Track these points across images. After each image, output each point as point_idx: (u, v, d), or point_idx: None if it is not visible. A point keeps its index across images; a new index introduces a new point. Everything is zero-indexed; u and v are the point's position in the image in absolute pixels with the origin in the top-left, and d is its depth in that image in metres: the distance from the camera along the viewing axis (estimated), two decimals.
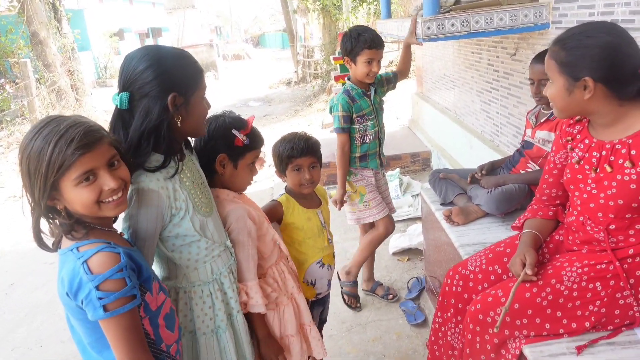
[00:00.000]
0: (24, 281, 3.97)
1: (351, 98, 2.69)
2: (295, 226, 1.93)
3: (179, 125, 1.35)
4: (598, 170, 1.51)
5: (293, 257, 1.91)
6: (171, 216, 1.36)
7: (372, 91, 2.74)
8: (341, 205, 2.82)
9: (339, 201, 2.80)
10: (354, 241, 3.85)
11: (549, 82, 1.52)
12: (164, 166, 1.33)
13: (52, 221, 1.17)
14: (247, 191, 1.76)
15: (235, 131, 1.60)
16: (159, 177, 1.33)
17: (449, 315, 1.86)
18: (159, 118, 1.30)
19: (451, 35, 2.73)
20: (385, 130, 2.93)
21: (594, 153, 1.53)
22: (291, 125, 9.23)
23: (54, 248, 1.21)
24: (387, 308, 2.97)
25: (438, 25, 2.71)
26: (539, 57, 2.20)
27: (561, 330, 1.52)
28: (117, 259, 1.12)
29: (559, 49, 1.45)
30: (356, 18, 11.39)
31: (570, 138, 1.64)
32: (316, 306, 2.08)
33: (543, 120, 2.28)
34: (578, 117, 1.62)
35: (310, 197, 2.02)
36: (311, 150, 1.92)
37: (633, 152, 1.43)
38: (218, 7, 45.04)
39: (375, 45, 2.59)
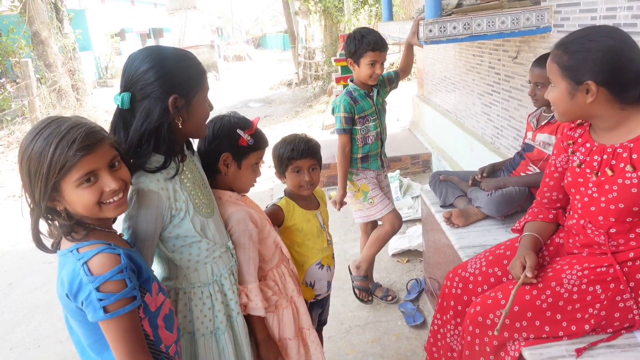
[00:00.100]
0: (23, 281, 3.97)
1: (353, 99, 2.69)
2: (295, 228, 1.93)
3: (180, 126, 1.35)
4: (599, 174, 1.51)
5: (292, 259, 1.91)
6: (171, 217, 1.36)
7: (375, 92, 2.74)
8: (340, 206, 2.82)
9: (339, 202, 2.80)
10: (354, 242, 3.85)
11: (551, 86, 1.52)
12: (165, 167, 1.33)
13: (52, 222, 1.17)
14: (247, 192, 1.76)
15: (240, 131, 1.60)
16: (159, 178, 1.33)
17: (448, 317, 1.86)
18: (160, 119, 1.30)
19: (453, 38, 2.74)
20: (387, 131, 2.93)
21: (595, 157, 1.53)
22: (291, 126, 9.24)
23: (53, 249, 1.20)
24: (386, 309, 2.97)
25: (440, 28, 2.71)
26: (539, 61, 2.21)
27: (561, 332, 1.52)
28: (118, 260, 1.12)
29: (561, 53, 1.45)
30: (357, 20, 11.40)
31: (571, 142, 1.64)
32: (315, 308, 2.07)
33: (544, 123, 2.28)
34: (579, 121, 1.63)
35: (309, 199, 2.02)
36: (311, 152, 1.92)
37: (634, 156, 1.43)
38: (219, 8, 45.12)
39: (378, 47, 2.59)
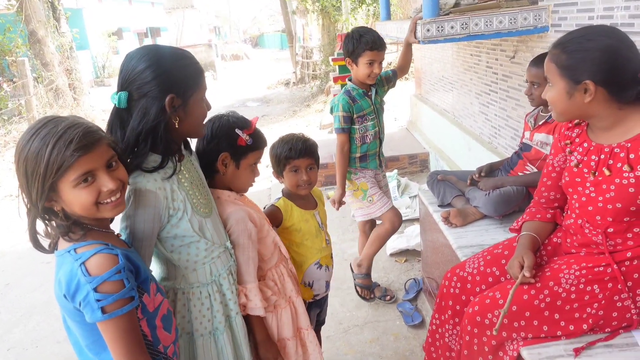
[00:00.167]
0: (21, 281, 3.95)
1: (352, 98, 2.70)
2: (293, 228, 1.93)
3: (177, 126, 1.34)
4: (597, 173, 1.51)
5: (291, 259, 1.90)
6: (169, 217, 1.36)
7: (373, 91, 2.75)
8: (339, 205, 2.82)
9: (338, 201, 2.80)
10: (352, 242, 3.85)
11: (549, 85, 1.52)
12: (162, 167, 1.33)
13: (49, 222, 1.16)
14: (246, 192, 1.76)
15: (238, 130, 1.60)
16: (157, 178, 1.32)
17: (447, 317, 1.86)
18: (156, 119, 1.29)
19: (450, 37, 2.74)
20: (385, 130, 2.94)
21: (593, 156, 1.53)
22: (289, 125, 9.23)
23: (51, 249, 1.20)
24: (385, 309, 2.97)
25: (437, 27, 2.71)
26: (536, 60, 2.21)
27: (559, 332, 1.52)
28: (115, 261, 1.11)
29: (560, 52, 1.45)
30: (355, 19, 11.39)
31: (569, 141, 1.64)
32: (313, 308, 2.07)
33: (541, 122, 2.28)
34: (577, 121, 1.63)
35: (307, 199, 2.01)
36: (309, 151, 1.92)
37: (632, 156, 1.43)
38: (217, 7, 45.01)
39: (377, 46, 2.59)
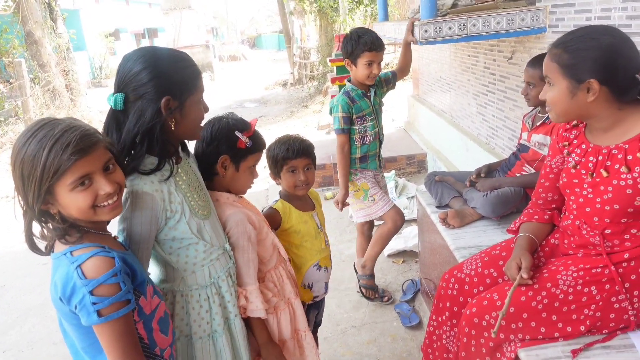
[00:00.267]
0: (17, 283, 3.94)
1: (351, 99, 2.70)
2: (292, 230, 1.92)
3: (173, 128, 1.34)
4: (594, 175, 1.51)
5: (291, 261, 1.90)
6: (166, 219, 1.35)
7: (372, 92, 2.75)
8: (343, 206, 2.80)
9: (341, 202, 2.78)
10: (349, 243, 3.85)
11: (548, 86, 1.51)
12: (159, 169, 1.32)
13: (45, 225, 1.15)
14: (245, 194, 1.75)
15: (238, 133, 1.59)
16: (154, 180, 1.32)
17: (444, 318, 1.86)
18: (152, 121, 1.28)
19: (448, 38, 2.74)
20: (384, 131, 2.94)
21: (591, 158, 1.53)
22: (287, 126, 9.23)
23: (47, 252, 1.19)
24: (382, 310, 2.97)
25: (435, 28, 2.71)
26: (533, 61, 2.22)
27: (556, 333, 1.52)
28: (112, 264, 1.11)
29: (562, 52, 1.44)
30: (353, 20, 11.40)
31: (567, 143, 1.64)
32: (312, 309, 2.07)
33: (539, 123, 2.28)
34: (575, 122, 1.63)
35: (304, 200, 2.01)
36: (306, 151, 1.92)
37: (629, 157, 1.43)
38: (214, 8, 45.02)
39: (375, 47, 2.60)
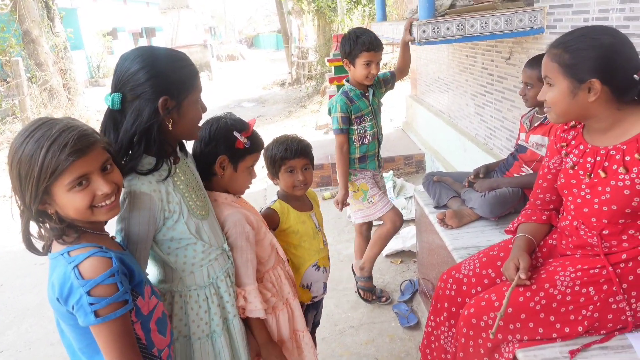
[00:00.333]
0: (14, 283, 3.93)
1: (349, 99, 2.70)
2: (290, 230, 1.92)
3: (170, 128, 1.33)
4: (592, 175, 1.51)
5: (289, 262, 1.90)
6: (164, 219, 1.35)
7: (371, 92, 2.75)
8: (343, 206, 2.79)
9: (341, 202, 2.77)
10: (347, 243, 3.85)
11: (548, 86, 1.50)
12: (157, 169, 1.32)
13: (43, 225, 1.15)
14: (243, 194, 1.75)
15: (236, 133, 1.59)
16: (152, 180, 1.31)
17: (442, 318, 1.86)
18: (149, 121, 1.28)
19: (446, 39, 2.74)
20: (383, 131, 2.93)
21: (589, 159, 1.53)
22: (285, 126, 9.22)
23: (44, 251, 1.19)
24: (380, 310, 2.97)
25: (433, 28, 2.71)
26: (531, 61, 2.22)
27: (554, 334, 1.53)
28: (109, 264, 1.10)
29: (562, 52, 1.44)
30: (351, 20, 11.40)
31: (565, 144, 1.64)
32: (310, 310, 2.07)
33: (537, 124, 2.28)
34: (572, 123, 1.63)
35: (302, 201, 2.01)
36: (304, 151, 1.91)
37: (627, 158, 1.43)
38: (212, 8, 44.97)
39: (373, 47, 2.60)
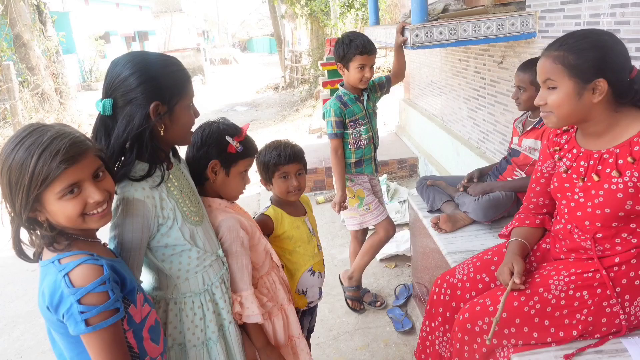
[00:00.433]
0: (4, 290, 3.87)
1: (343, 103, 2.70)
2: (285, 236, 1.91)
3: (162, 134, 1.32)
4: (585, 179, 1.52)
5: (285, 268, 1.89)
6: (158, 226, 1.33)
7: (365, 96, 2.74)
8: (340, 208, 2.77)
9: (338, 204, 2.74)
10: (342, 247, 3.84)
11: (548, 90, 1.48)
12: (149, 175, 1.31)
13: (33, 232, 1.13)
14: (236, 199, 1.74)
15: (228, 138, 1.58)
16: (145, 186, 1.30)
17: (437, 323, 1.86)
18: (141, 126, 1.27)
19: (439, 43, 2.75)
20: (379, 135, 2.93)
21: (582, 162, 1.54)
22: (278, 130, 9.22)
23: (35, 259, 1.17)
24: (375, 315, 2.96)
25: (426, 33, 2.72)
26: (523, 65, 2.24)
27: (549, 338, 1.52)
28: (100, 272, 1.09)
29: (565, 53, 1.43)
30: (344, 24, 11.42)
31: (557, 148, 1.65)
32: (306, 315, 2.06)
33: (530, 128, 2.29)
34: (565, 127, 1.63)
35: (296, 206, 2.00)
36: (297, 156, 1.91)
37: (620, 162, 1.44)
38: (205, 11, 44.96)
39: (367, 51, 2.60)
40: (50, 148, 1.05)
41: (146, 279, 1.47)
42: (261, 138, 7.40)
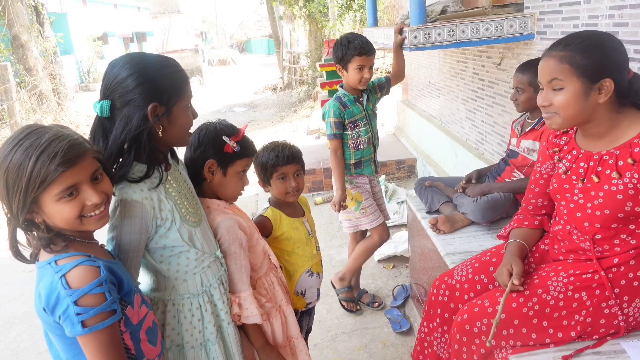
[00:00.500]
0: (1, 291, 3.86)
1: (343, 104, 2.70)
2: (284, 237, 1.91)
3: (161, 135, 1.32)
4: (585, 180, 1.52)
5: (283, 269, 1.88)
6: (156, 227, 1.33)
7: (365, 97, 2.74)
8: (339, 208, 2.75)
9: (338, 203, 2.73)
10: (340, 248, 3.84)
11: (552, 91, 1.47)
12: (148, 176, 1.30)
13: (30, 233, 1.13)
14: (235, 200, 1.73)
15: (225, 137, 1.58)
16: (143, 188, 1.30)
17: (435, 325, 1.85)
18: (139, 128, 1.27)
19: (438, 44, 2.75)
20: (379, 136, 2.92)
21: (582, 163, 1.54)
22: (276, 131, 9.22)
23: (32, 260, 1.17)
24: (373, 316, 2.96)
25: (425, 34, 2.72)
26: (522, 67, 2.24)
27: (547, 339, 1.52)
28: (97, 273, 1.08)
29: (572, 53, 1.42)
30: (342, 25, 11.43)
31: (557, 149, 1.65)
32: (305, 316, 2.05)
33: (528, 129, 2.29)
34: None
35: (294, 207, 2.00)
36: (295, 157, 1.91)
37: (620, 163, 1.44)
38: (203, 12, 44.97)
39: (365, 51, 2.59)
40: (48, 150, 1.04)
41: (144, 281, 1.46)
42: (259, 139, 7.39)
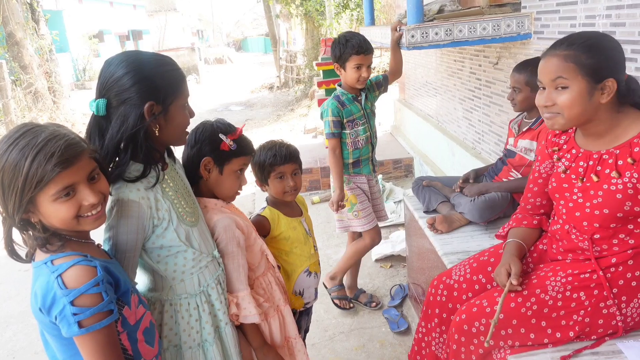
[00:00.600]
0: None
1: (341, 103, 2.69)
2: (282, 237, 1.90)
3: (157, 134, 1.31)
4: (584, 179, 1.52)
5: (281, 269, 1.87)
6: (153, 227, 1.32)
7: (363, 96, 2.74)
8: (338, 207, 2.74)
9: (336, 202, 2.72)
10: (337, 247, 3.84)
11: (555, 90, 1.46)
12: (144, 176, 1.29)
13: (26, 233, 1.12)
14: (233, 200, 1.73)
15: (222, 135, 1.57)
16: (140, 187, 1.29)
17: (433, 325, 1.85)
18: (135, 126, 1.25)
19: (435, 43, 2.75)
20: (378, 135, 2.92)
21: (581, 163, 1.54)
22: (273, 130, 9.21)
23: (28, 259, 1.15)
24: (370, 316, 2.95)
25: (422, 33, 2.72)
26: (519, 66, 2.23)
27: (546, 340, 1.52)
28: (93, 273, 1.07)
29: (577, 52, 1.41)
30: (339, 24, 11.42)
31: (556, 148, 1.65)
32: (302, 316, 2.05)
33: (525, 129, 2.29)
34: None
35: (292, 206, 1.99)
36: (293, 156, 1.90)
37: (620, 163, 1.44)
38: (200, 10, 44.86)
39: (363, 50, 2.59)
40: (44, 150, 1.03)
41: (141, 281, 1.45)
42: (256, 138, 7.37)
